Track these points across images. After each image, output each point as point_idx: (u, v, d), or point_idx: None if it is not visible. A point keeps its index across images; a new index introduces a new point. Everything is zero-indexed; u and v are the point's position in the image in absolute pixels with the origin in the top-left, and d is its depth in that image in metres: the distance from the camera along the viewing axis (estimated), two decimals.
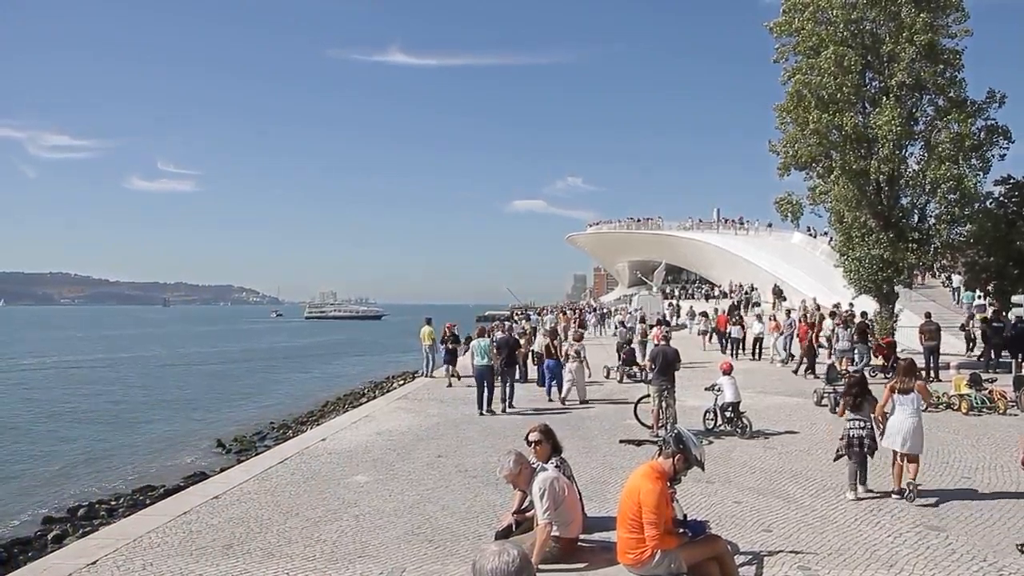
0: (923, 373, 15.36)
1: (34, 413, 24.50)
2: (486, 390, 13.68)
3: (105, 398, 28.61)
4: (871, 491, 7.61)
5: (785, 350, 21.12)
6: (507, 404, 13.98)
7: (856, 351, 17.42)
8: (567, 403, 14.56)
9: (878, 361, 17.46)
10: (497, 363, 14.04)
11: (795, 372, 18.77)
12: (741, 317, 25.78)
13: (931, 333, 17.98)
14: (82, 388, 32.04)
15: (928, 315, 18.90)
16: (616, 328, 27.00)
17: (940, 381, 15.99)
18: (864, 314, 20.64)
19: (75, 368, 42.13)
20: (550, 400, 15.02)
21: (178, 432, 20.67)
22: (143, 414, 24.25)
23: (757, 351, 23.03)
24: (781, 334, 21.72)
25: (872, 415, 7.70)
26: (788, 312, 26.28)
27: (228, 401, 27.61)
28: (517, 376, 15.85)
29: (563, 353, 15.39)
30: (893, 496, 7.46)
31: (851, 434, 7.61)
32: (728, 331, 24.53)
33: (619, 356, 20.12)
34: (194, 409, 25.40)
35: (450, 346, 18.49)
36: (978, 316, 23.87)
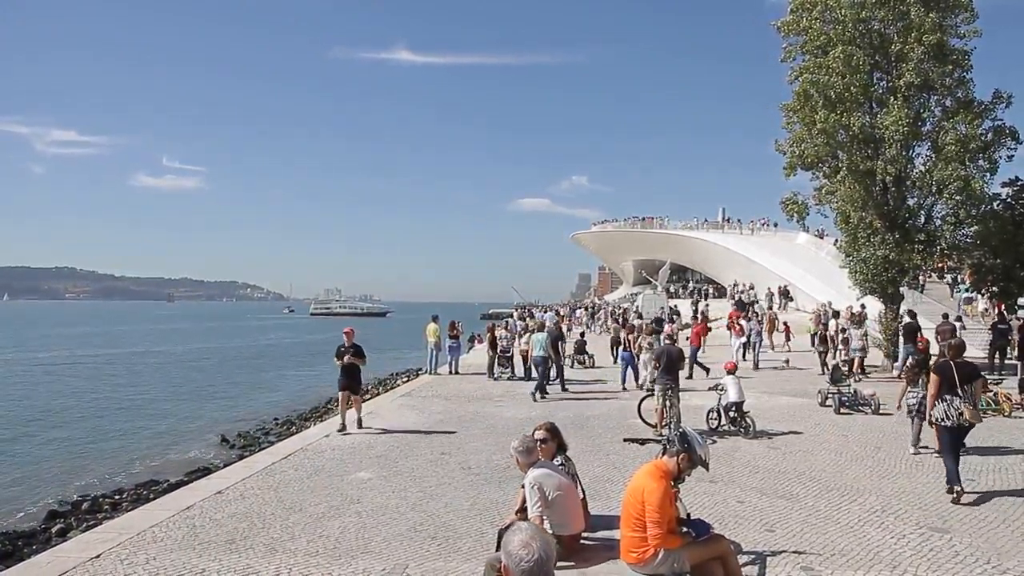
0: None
1: (39, 408, 24.61)
2: (543, 377, 15.69)
3: (110, 394, 28.71)
4: (926, 447, 9.50)
5: (751, 355, 20.48)
6: (561, 386, 16.26)
7: (904, 350, 17.64)
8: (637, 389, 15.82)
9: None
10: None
11: (845, 375, 15.96)
12: (750, 315, 25.72)
13: (947, 333, 17.99)
14: (87, 384, 32.18)
15: (945, 316, 19.44)
16: (611, 324, 27.77)
17: None
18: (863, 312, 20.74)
19: (81, 364, 42.29)
20: (624, 388, 16.58)
21: (182, 427, 20.75)
22: (147, 409, 24.34)
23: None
24: (742, 337, 20.93)
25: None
26: (758, 313, 26.02)
27: (232, 397, 27.71)
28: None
29: (636, 346, 17.44)
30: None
31: (910, 403, 9.74)
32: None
33: (612, 350, 22.24)
34: (198, 404, 25.49)
35: (346, 361, 12.17)
36: (965, 307, 24.63)
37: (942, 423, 7.75)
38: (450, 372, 20.20)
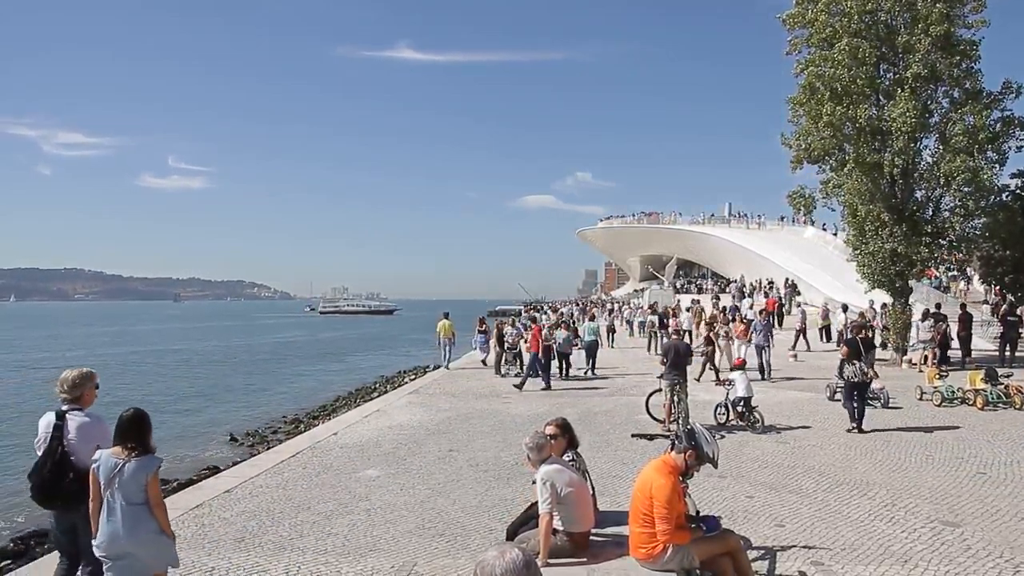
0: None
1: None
2: (593, 358, 18.91)
3: (120, 393, 28.83)
4: None
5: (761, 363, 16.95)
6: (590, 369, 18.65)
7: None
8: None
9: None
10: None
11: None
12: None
13: (964, 323, 19.01)
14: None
15: (963, 306, 19.93)
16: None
17: (966, 369, 15.97)
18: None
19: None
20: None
21: (190, 426, 20.82)
22: (156, 408, 24.42)
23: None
24: (744, 339, 17.95)
25: None
26: (762, 311, 24.25)
27: (240, 395, 27.78)
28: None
29: (713, 334, 18.41)
30: None
31: None
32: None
33: None
34: (206, 403, 25.57)
35: None
36: (950, 284, 25.25)
37: (851, 380, 10.56)
38: (483, 364, 21.18)
